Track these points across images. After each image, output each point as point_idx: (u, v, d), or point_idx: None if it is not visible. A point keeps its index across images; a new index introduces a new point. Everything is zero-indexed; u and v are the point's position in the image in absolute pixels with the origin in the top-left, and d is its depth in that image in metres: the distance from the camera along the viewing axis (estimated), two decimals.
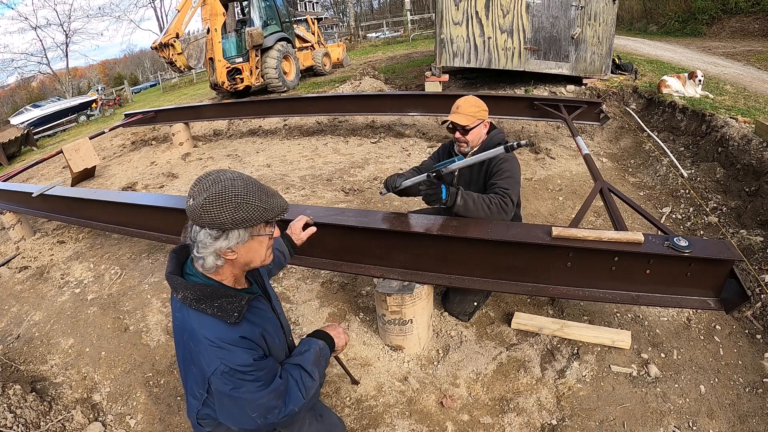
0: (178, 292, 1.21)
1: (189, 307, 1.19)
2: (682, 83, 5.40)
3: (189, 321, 1.20)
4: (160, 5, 32.47)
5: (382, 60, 13.64)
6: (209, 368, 1.16)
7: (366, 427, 2.06)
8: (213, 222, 1.10)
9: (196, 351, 1.19)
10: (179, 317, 1.25)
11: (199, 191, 1.11)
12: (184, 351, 1.25)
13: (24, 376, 2.51)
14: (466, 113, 2.34)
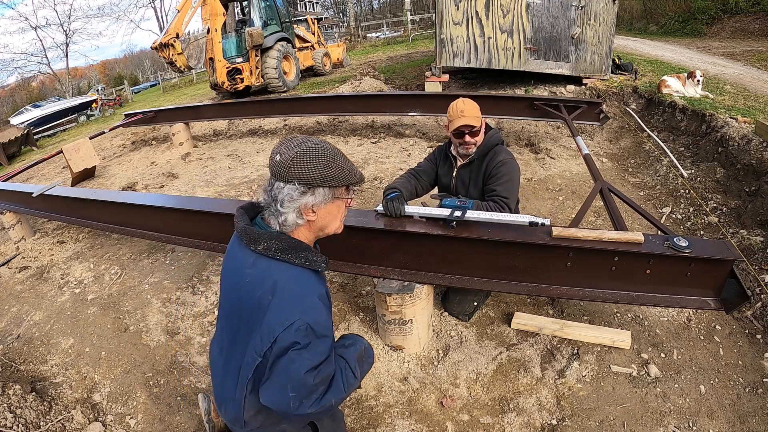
0: (258, 244, 1.18)
1: (272, 259, 1.17)
2: (682, 83, 5.40)
3: (270, 273, 1.17)
4: (160, 5, 32.50)
5: (382, 60, 13.64)
6: (284, 322, 1.12)
7: (366, 427, 2.06)
8: (302, 177, 1.13)
9: (272, 306, 1.14)
10: (253, 273, 1.20)
11: (288, 148, 1.14)
12: (251, 313, 1.19)
13: (24, 376, 2.51)
14: (473, 114, 2.32)
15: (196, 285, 3.15)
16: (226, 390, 1.32)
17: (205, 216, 2.62)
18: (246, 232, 1.23)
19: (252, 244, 1.20)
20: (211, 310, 2.91)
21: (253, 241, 1.20)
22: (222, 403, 1.37)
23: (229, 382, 1.30)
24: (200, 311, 2.92)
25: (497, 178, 2.32)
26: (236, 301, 1.26)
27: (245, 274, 1.22)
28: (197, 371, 2.49)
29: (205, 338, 2.71)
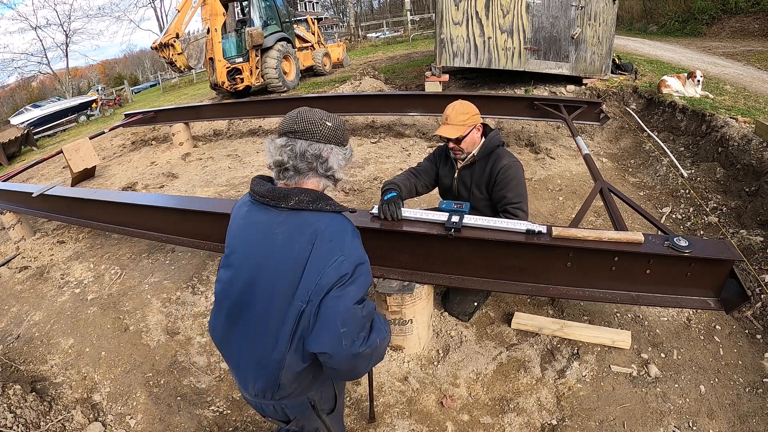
0: (289, 200, 1.24)
1: (305, 210, 1.23)
2: (682, 83, 5.40)
3: (307, 224, 1.22)
4: (160, 5, 32.47)
5: (382, 60, 13.64)
6: (328, 261, 1.17)
7: (366, 427, 2.06)
8: (342, 139, 1.31)
9: (313, 253, 1.19)
10: (286, 231, 1.23)
11: (324, 117, 1.28)
12: (288, 269, 1.21)
13: (24, 376, 2.51)
14: (455, 123, 2.30)
15: (196, 285, 3.15)
16: (254, 359, 1.29)
17: (205, 216, 2.62)
18: (273, 192, 1.26)
19: (282, 201, 1.24)
20: (211, 310, 2.91)
21: (283, 198, 1.25)
22: (247, 377, 1.33)
23: (259, 347, 1.28)
24: (200, 311, 2.92)
25: (505, 183, 2.31)
26: (263, 261, 1.26)
27: (275, 235, 1.24)
28: (197, 371, 2.49)
29: (206, 338, 2.71)
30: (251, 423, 2.15)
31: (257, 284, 1.27)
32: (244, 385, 1.36)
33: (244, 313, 1.31)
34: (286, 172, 1.26)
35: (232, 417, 2.19)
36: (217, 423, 2.17)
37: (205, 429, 2.14)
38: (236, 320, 1.32)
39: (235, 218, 1.38)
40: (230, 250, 1.36)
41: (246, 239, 1.32)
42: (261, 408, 1.40)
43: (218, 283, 1.39)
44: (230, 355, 1.39)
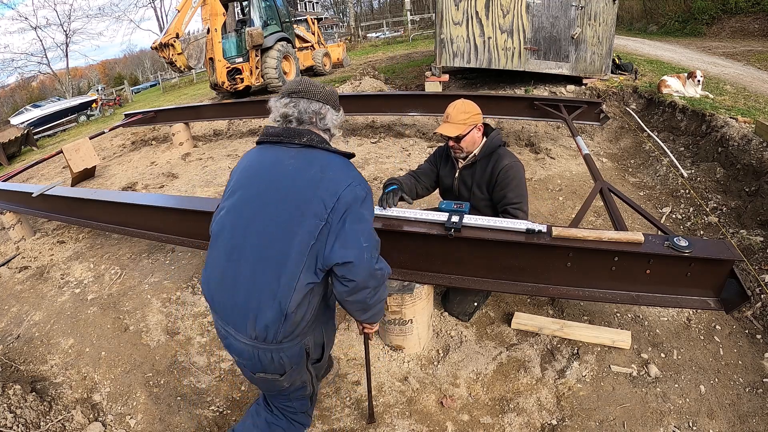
0: (302, 137, 1.42)
1: (315, 148, 1.42)
2: (682, 83, 5.40)
3: (317, 158, 1.40)
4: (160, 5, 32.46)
5: (382, 60, 13.64)
6: (343, 183, 1.34)
7: (366, 427, 2.06)
8: (336, 103, 1.52)
9: (325, 177, 1.34)
10: (297, 162, 1.38)
11: (321, 84, 1.50)
12: (301, 190, 1.33)
13: (24, 376, 2.51)
14: (455, 122, 2.30)
15: (196, 285, 3.15)
16: (259, 290, 1.33)
17: (205, 216, 2.62)
18: (288, 131, 1.44)
19: (296, 138, 1.42)
20: None
21: (296, 136, 1.43)
22: (247, 316, 1.34)
23: (266, 275, 1.32)
24: (200, 311, 2.92)
25: (506, 183, 2.32)
26: (272, 187, 1.37)
27: (287, 164, 1.39)
28: (197, 371, 2.49)
29: (205, 338, 2.71)
30: None
31: (264, 212, 1.36)
32: (242, 328, 1.36)
33: (247, 244, 1.36)
34: (291, 123, 1.46)
35: (232, 417, 2.19)
36: (217, 423, 2.17)
37: (205, 429, 2.14)
38: (238, 254, 1.37)
39: (242, 162, 1.53)
40: (236, 185, 1.46)
41: (256, 172, 1.45)
42: (257, 359, 1.40)
43: (216, 221, 1.47)
44: (228, 297, 1.39)
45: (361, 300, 1.43)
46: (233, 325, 1.38)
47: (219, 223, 1.46)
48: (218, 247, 1.43)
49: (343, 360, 2.43)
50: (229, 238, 1.40)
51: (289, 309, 1.31)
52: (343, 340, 2.55)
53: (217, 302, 1.42)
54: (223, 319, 1.41)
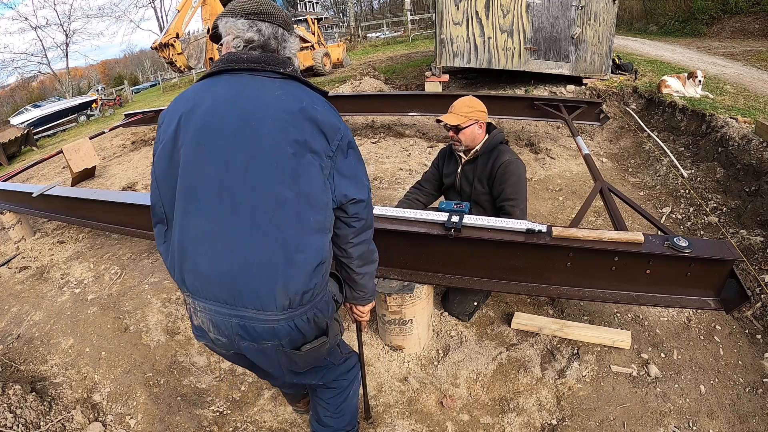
0: (286, 66, 1.24)
1: (297, 81, 1.24)
2: (682, 83, 5.40)
3: (303, 91, 1.22)
4: (160, 5, 32.46)
5: (382, 60, 13.64)
6: (340, 123, 1.24)
7: (366, 428, 2.06)
8: (292, 27, 1.33)
9: (320, 112, 1.19)
10: (285, 93, 1.18)
11: (278, 6, 1.30)
12: (294, 121, 1.15)
13: (24, 376, 2.51)
14: (458, 113, 2.38)
15: None
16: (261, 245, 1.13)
17: None
18: (270, 57, 1.22)
19: (281, 67, 1.22)
20: None
21: (281, 64, 1.23)
22: (275, 282, 1.14)
23: (285, 230, 1.14)
24: None
25: (504, 179, 2.36)
26: (265, 123, 1.15)
27: (275, 96, 1.18)
28: (197, 371, 2.49)
29: None
30: (251, 423, 2.15)
31: (261, 158, 1.13)
32: (269, 301, 1.14)
33: (243, 200, 1.13)
34: (254, 51, 1.23)
35: (232, 417, 2.19)
36: (217, 423, 2.17)
37: (205, 429, 2.14)
38: (226, 215, 1.13)
39: (198, 99, 1.19)
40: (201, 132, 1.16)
41: (232, 109, 1.16)
42: (296, 330, 1.20)
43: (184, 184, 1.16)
44: (242, 282, 1.14)
45: (365, 241, 1.35)
46: (250, 301, 1.14)
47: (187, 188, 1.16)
48: (198, 213, 1.16)
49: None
50: (214, 206, 1.15)
51: (300, 245, 1.15)
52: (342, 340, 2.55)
53: (224, 290, 1.16)
54: (234, 307, 1.16)
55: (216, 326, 1.21)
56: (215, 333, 1.23)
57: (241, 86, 1.18)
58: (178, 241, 1.19)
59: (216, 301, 1.17)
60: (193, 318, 1.27)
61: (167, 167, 1.19)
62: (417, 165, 4.89)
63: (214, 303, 1.18)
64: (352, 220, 1.27)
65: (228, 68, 1.20)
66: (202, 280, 1.18)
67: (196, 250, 1.17)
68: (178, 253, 1.20)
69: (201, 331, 1.28)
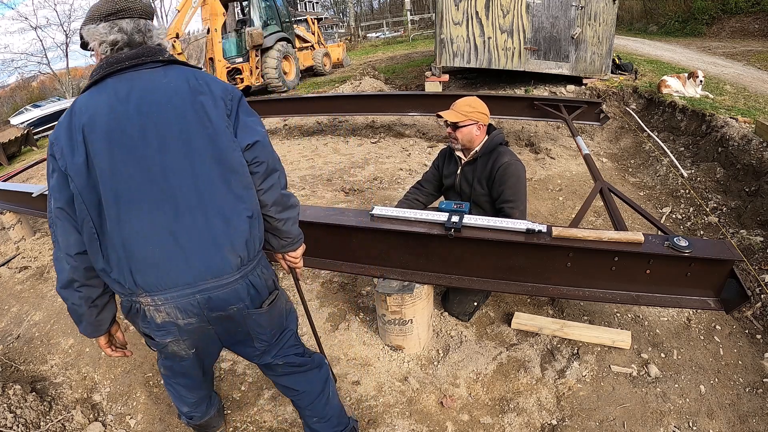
0: (162, 54, 1.31)
1: (175, 64, 1.32)
2: (682, 83, 5.40)
3: (183, 70, 1.30)
4: (160, 5, 32.45)
5: (382, 60, 13.64)
6: (222, 83, 1.34)
7: (366, 427, 2.06)
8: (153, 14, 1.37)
9: (207, 82, 1.29)
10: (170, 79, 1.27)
11: None
12: (198, 105, 1.25)
13: (24, 376, 2.51)
14: (458, 111, 2.39)
15: None
16: (217, 216, 1.24)
17: None
18: (145, 50, 1.28)
19: (159, 55, 1.29)
20: None
21: (157, 53, 1.30)
22: (220, 246, 1.25)
23: (217, 195, 1.25)
24: None
25: (503, 181, 2.36)
26: (165, 111, 1.23)
27: (163, 84, 1.25)
28: None
29: None
30: (251, 423, 2.15)
31: (173, 143, 1.22)
32: (224, 263, 1.25)
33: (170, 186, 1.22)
34: (122, 49, 1.27)
35: (232, 417, 2.19)
36: None
37: None
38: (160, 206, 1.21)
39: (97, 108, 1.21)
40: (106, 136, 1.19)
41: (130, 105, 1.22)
42: (252, 287, 1.33)
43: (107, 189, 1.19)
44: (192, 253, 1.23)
45: (275, 185, 1.39)
46: (212, 270, 1.24)
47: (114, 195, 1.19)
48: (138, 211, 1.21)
49: (343, 360, 2.43)
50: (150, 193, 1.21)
51: (254, 208, 1.33)
52: (343, 340, 2.56)
53: (182, 272, 1.22)
54: (195, 285, 1.24)
55: (184, 311, 1.26)
56: (184, 318, 1.27)
57: (129, 85, 1.23)
58: (121, 246, 1.21)
59: (176, 286, 1.22)
60: (156, 317, 1.27)
61: (87, 181, 1.20)
62: (417, 165, 4.89)
63: (175, 290, 1.23)
64: (254, 166, 1.33)
65: (109, 72, 1.24)
66: (157, 273, 1.22)
67: (143, 248, 1.21)
68: (122, 258, 1.21)
69: (167, 327, 1.29)
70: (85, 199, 1.21)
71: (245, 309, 1.33)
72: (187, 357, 1.44)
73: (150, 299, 1.24)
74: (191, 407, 1.74)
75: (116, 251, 1.22)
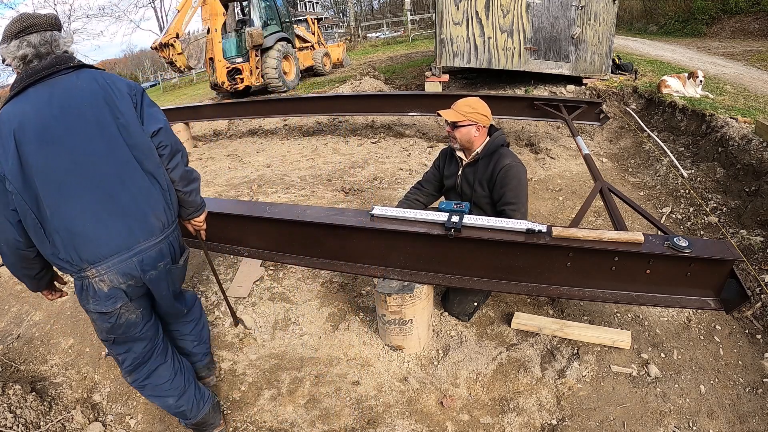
0: (71, 61, 1.50)
1: (84, 68, 1.52)
2: (682, 83, 5.40)
3: (91, 73, 1.52)
4: (160, 5, 32.45)
5: (382, 60, 13.64)
6: (125, 81, 1.58)
7: (366, 427, 2.06)
8: (60, 26, 1.54)
9: (114, 82, 1.53)
10: (84, 82, 1.48)
11: (39, 13, 1.52)
12: (110, 101, 1.49)
13: (24, 376, 2.51)
14: (458, 110, 2.40)
15: (196, 285, 3.15)
16: (137, 192, 1.52)
17: None
18: (57, 59, 1.46)
19: (70, 62, 1.49)
20: (210, 311, 2.91)
21: (67, 60, 1.48)
22: (146, 214, 1.54)
23: (136, 177, 1.52)
24: None
25: (505, 183, 2.36)
26: (84, 111, 1.46)
27: (77, 86, 1.47)
28: None
29: None
30: (251, 423, 2.15)
31: (92, 138, 1.45)
32: (149, 228, 1.54)
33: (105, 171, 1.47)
34: (32, 62, 1.44)
35: (232, 417, 2.19)
36: None
37: None
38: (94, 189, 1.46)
39: (20, 119, 1.39)
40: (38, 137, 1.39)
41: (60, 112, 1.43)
42: (171, 246, 1.64)
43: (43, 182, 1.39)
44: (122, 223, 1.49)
45: (179, 164, 1.66)
46: (143, 234, 1.53)
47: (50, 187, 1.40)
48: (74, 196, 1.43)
49: (343, 360, 2.43)
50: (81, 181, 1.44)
51: (166, 183, 1.61)
52: (343, 340, 2.56)
53: (121, 239, 1.49)
54: (132, 248, 1.50)
55: (125, 273, 1.52)
56: (126, 281, 1.53)
57: (49, 90, 1.43)
58: (64, 229, 1.42)
59: (115, 253, 1.48)
60: (103, 287, 1.50)
61: (22, 181, 1.39)
62: (417, 165, 4.89)
63: (115, 257, 1.48)
64: (160, 149, 1.59)
65: (29, 83, 1.42)
66: (98, 246, 1.46)
67: (82, 227, 1.44)
68: (67, 239, 1.43)
69: (114, 293, 1.52)
70: (24, 197, 1.39)
71: (168, 264, 1.64)
72: (137, 320, 1.65)
73: (95, 270, 1.47)
74: (173, 396, 1.85)
75: (60, 235, 1.42)
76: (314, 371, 2.38)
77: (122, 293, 1.53)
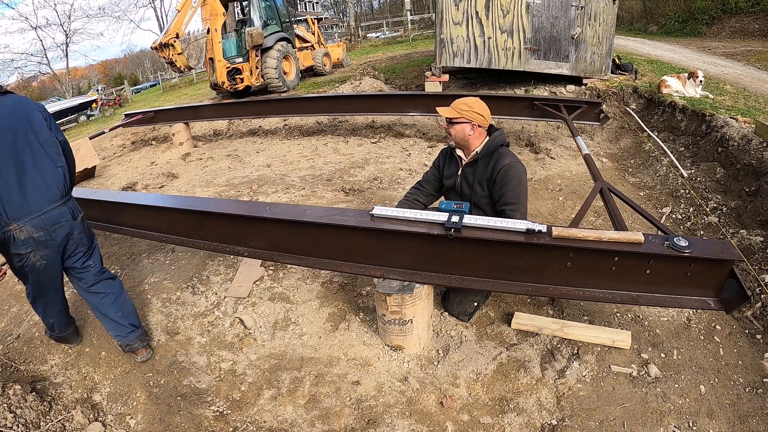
0: (3, 92, 2.17)
1: (8, 94, 2.17)
2: (682, 83, 5.40)
3: (15, 101, 2.16)
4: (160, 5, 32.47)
5: (382, 60, 13.65)
6: (39, 104, 2.26)
7: (366, 427, 2.06)
8: None
9: (30, 105, 2.20)
10: (6, 105, 2.10)
11: None
12: (28, 117, 2.14)
13: (24, 376, 2.51)
14: (454, 108, 2.43)
15: (196, 285, 3.15)
16: (48, 173, 2.14)
17: (205, 216, 2.62)
18: None
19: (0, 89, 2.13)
20: (211, 311, 2.91)
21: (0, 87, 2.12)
22: (51, 186, 2.13)
23: (45, 165, 2.14)
24: (200, 311, 2.92)
25: (504, 183, 2.36)
26: (10, 125, 2.07)
27: (7, 106, 2.10)
28: (197, 371, 2.49)
29: (205, 338, 2.71)
30: (251, 423, 2.15)
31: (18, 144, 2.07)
32: (55, 194, 2.15)
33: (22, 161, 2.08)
34: None
35: (232, 417, 2.19)
36: (217, 423, 2.17)
37: (206, 429, 2.14)
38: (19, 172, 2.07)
39: None
40: None
41: None
42: (72, 208, 2.25)
43: None
44: (36, 195, 2.09)
45: (71, 154, 2.35)
46: (49, 200, 2.12)
47: None
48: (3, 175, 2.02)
49: (343, 360, 2.43)
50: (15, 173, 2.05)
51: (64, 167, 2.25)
52: (343, 340, 2.56)
53: (35, 203, 2.07)
54: (42, 210, 2.09)
55: (37, 227, 2.09)
56: (37, 232, 2.09)
57: None
58: None
59: (31, 213, 2.07)
60: (20, 236, 2.06)
61: None
62: (417, 165, 4.89)
63: (30, 215, 2.06)
64: (66, 152, 2.31)
65: None
66: (20, 207, 2.04)
67: (9, 195, 2.03)
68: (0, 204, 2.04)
69: (27, 241, 2.09)
70: None
71: (70, 221, 2.23)
72: (41, 266, 2.18)
73: (16, 225, 2.04)
74: (55, 319, 2.51)
75: None
76: (314, 371, 2.39)
77: (32, 241, 2.09)
